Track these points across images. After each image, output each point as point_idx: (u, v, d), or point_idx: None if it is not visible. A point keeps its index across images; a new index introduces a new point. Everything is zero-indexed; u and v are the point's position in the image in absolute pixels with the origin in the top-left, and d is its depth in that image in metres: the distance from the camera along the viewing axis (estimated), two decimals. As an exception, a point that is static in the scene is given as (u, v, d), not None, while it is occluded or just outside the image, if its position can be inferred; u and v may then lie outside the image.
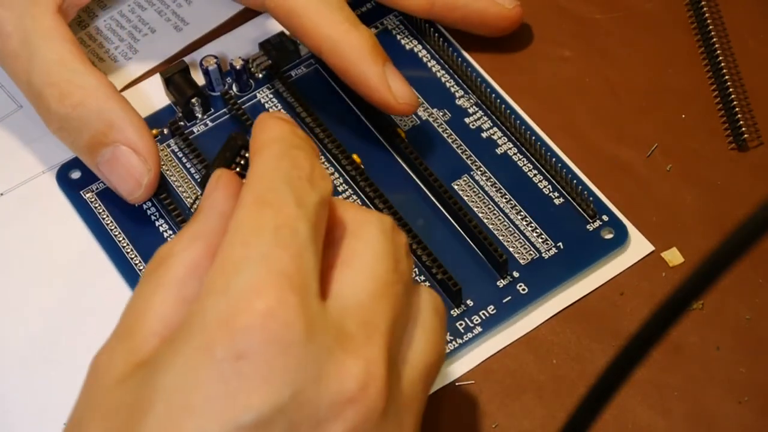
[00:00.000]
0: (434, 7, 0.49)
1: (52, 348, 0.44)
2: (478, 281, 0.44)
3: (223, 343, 0.31)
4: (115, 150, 0.44)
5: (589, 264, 0.44)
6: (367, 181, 0.46)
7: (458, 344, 0.43)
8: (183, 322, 0.33)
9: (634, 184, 0.46)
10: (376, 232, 0.36)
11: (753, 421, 0.41)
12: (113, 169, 0.44)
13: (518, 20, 0.49)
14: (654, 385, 0.42)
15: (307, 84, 0.49)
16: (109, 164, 0.44)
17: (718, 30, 0.50)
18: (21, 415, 0.43)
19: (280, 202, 0.34)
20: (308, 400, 0.32)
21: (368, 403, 0.32)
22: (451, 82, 0.49)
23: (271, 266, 0.32)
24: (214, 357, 0.31)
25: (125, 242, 0.46)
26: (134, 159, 0.44)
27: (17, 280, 0.46)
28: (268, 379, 0.31)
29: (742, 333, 0.43)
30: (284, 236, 0.33)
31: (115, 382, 0.33)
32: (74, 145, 0.45)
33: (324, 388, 0.32)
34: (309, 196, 0.34)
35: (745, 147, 0.47)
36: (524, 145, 0.47)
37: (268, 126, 0.37)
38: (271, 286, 0.32)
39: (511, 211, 0.45)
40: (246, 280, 0.32)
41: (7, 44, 0.45)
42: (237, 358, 0.31)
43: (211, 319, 0.32)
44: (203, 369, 0.31)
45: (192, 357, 0.31)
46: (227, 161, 0.42)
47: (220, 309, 0.32)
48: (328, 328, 0.33)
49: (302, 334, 0.32)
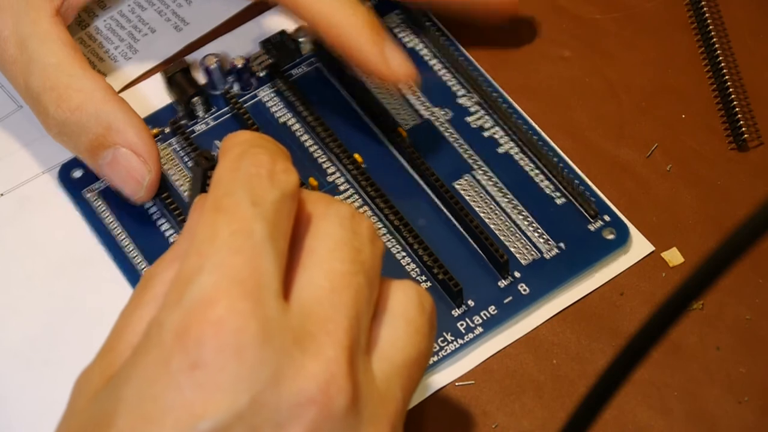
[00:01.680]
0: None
1: (53, 348, 0.44)
2: (479, 281, 0.44)
3: (178, 354, 0.31)
4: (115, 152, 0.44)
5: (591, 264, 0.44)
6: (369, 181, 0.46)
7: (459, 345, 0.43)
8: (143, 336, 0.33)
9: (634, 184, 0.46)
10: (331, 224, 0.35)
11: (753, 421, 0.41)
12: (114, 170, 0.44)
13: (515, 8, 0.49)
14: (654, 385, 0.42)
15: (308, 83, 0.49)
16: (110, 166, 0.44)
17: (718, 30, 0.50)
18: (21, 416, 0.43)
19: (235, 205, 0.34)
20: (267, 404, 0.32)
21: (329, 402, 0.32)
22: (453, 81, 0.49)
23: (224, 273, 0.32)
24: (169, 368, 0.31)
25: (127, 241, 0.46)
26: (134, 160, 0.44)
27: (18, 279, 0.46)
28: (223, 386, 0.31)
29: (742, 333, 0.43)
30: (238, 240, 0.33)
31: (89, 397, 0.33)
32: (76, 149, 0.45)
33: (283, 390, 0.32)
34: (267, 194, 0.34)
35: (745, 147, 0.47)
36: (526, 145, 0.47)
37: (234, 134, 0.37)
38: (222, 294, 0.32)
39: (513, 211, 0.45)
40: (198, 290, 0.32)
41: (5, 49, 0.45)
42: (192, 368, 0.31)
43: (166, 331, 0.32)
44: (160, 381, 0.32)
45: (150, 369, 0.32)
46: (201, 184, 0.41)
47: (174, 321, 0.32)
48: (286, 330, 0.32)
49: (256, 338, 0.32)
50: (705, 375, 0.42)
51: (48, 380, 0.43)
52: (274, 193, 0.34)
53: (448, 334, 0.43)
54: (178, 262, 0.35)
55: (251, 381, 0.31)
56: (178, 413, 0.31)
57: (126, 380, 0.32)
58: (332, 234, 0.35)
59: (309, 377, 0.32)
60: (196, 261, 0.33)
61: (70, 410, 0.34)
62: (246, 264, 0.32)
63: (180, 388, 0.31)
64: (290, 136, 0.48)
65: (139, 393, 0.32)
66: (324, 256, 0.35)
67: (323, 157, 0.47)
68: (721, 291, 0.43)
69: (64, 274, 0.46)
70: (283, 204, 0.34)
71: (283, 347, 0.32)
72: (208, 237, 0.33)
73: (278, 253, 0.34)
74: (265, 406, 0.32)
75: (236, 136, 0.36)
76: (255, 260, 0.33)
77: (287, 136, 0.48)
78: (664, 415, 0.41)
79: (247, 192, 0.34)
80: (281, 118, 0.49)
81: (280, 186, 0.34)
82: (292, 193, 0.35)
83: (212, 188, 0.35)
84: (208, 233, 0.33)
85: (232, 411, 0.31)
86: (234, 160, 0.35)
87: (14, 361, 0.44)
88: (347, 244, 0.35)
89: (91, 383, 0.34)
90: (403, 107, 0.48)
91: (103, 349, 0.35)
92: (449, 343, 0.43)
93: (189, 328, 0.32)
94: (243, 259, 0.33)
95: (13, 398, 0.43)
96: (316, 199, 0.36)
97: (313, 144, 0.48)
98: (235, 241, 0.33)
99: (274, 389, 0.32)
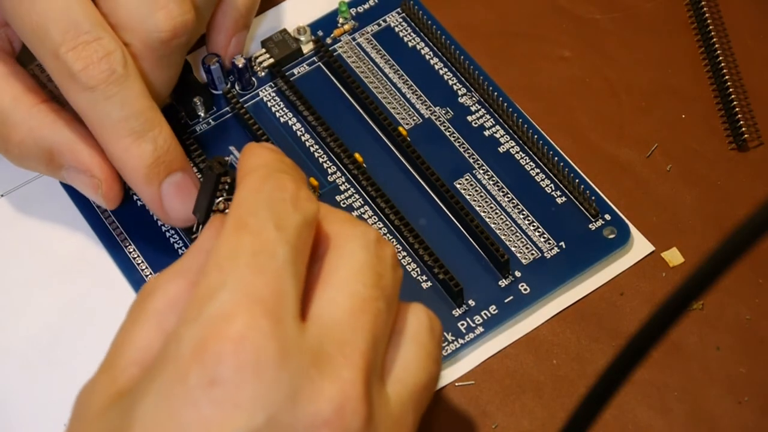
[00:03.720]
0: None
1: (54, 348, 0.44)
2: (479, 281, 0.44)
3: (196, 370, 0.31)
4: (66, 173, 0.44)
5: (591, 264, 0.44)
6: (369, 180, 0.46)
7: (460, 345, 0.43)
8: (160, 351, 0.33)
9: (634, 184, 0.46)
10: (357, 247, 0.36)
11: (753, 421, 0.41)
12: (77, 186, 0.45)
13: None
14: (654, 385, 0.42)
15: (309, 82, 0.49)
16: (72, 183, 0.45)
17: (718, 30, 0.50)
18: (21, 416, 0.43)
19: (260, 226, 0.34)
20: (283, 424, 0.32)
21: (344, 424, 0.32)
22: (454, 80, 0.49)
23: (245, 291, 0.32)
24: (187, 384, 0.31)
25: (128, 242, 0.46)
26: (82, 177, 0.44)
27: (19, 280, 0.46)
28: (241, 404, 0.31)
29: (742, 333, 0.43)
30: (261, 260, 0.33)
31: (97, 413, 0.33)
32: (47, 175, 0.45)
33: (299, 411, 0.32)
34: (291, 218, 0.34)
35: (745, 147, 0.47)
36: (527, 144, 0.47)
37: (255, 153, 0.37)
38: (243, 311, 0.32)
39: (513, 211, 0.45)
40: (218, 306, 0.32)
41: None
42: (210, 385, 0.31)
43: (184, 346, 0.32)
44: (177, 397, 0.31)
45: (166, 385, 0.32)
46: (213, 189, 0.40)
47: (193, 336, 0.32)
48: (304, 351, 0.33)
49: (275, 357, 0.32)
50: (705, 375, 0.42)
51: (48, 380, 0.43)
52: (297, 218, 0.34)
53: (449, 334, 0.43)
54: (181, 278, 0.35)
55: (268, 400, 0.31)
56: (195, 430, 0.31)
57: (141, 396, 0.32)
58: (357, 256, 0.35)
59: (325, 399, 0.32)
60: (216, 277, 0.33)
61: (75, 427, 0.34)
62: (268, 284, 0.33)
63: (197, 405, 0.31)
64: (291, 135, 0.48)
65: (155, 409, 0.32)
66: (347, 277, 0.35)
67: (324, 156, 0.47)
68: (721, 291, 0.43)
69: (65, 275, 0.46)
70: (304, 229, 0.35)
71: (301, 367, 0.32)
72: (230, 254, 0.33)
73: (299, 277, 0.34)
74: (281, 426, 0.32)
75: (259, 155, 0.36)
76: (276, 281, 0.33)
77: (288, 136, 0.48)
78: (664, 415, 0.41)
79: (272, 215, 0.34)
80: (282, 118, 0.49)
81: (303, 212, 0.35)
82: (313, 220, 0.35)
83: (235, 207, 0.35)
84: (230, 250, 0.33)
85: (248, 429, 0.31)
86: (258, 181, 0.35)
87: (14, 361, 0.44)
88: (371, 268, 0.35)
89: (95, 399, 0.34)
90: (404, 107, 0.48)
91: (104, 365, 0.35)
92: (450, 343, 0.43)
93: (208, 344, 0.32)
94: (265, 279, 0.33)
95: (13, 398, 0.43)
96: (341, 219, 0.37)
97: (314, 143, 0.48)
98: (258, 261, 0.33)
99: (290, 409, 0.32)
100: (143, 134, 0.42)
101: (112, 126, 0.42)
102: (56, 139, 0.44)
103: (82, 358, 0.36)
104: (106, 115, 0.42)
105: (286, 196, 0.35)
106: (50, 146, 0.44)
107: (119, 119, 0.42)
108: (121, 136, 0.42)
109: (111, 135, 0.42)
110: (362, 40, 0.50)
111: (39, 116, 0.44)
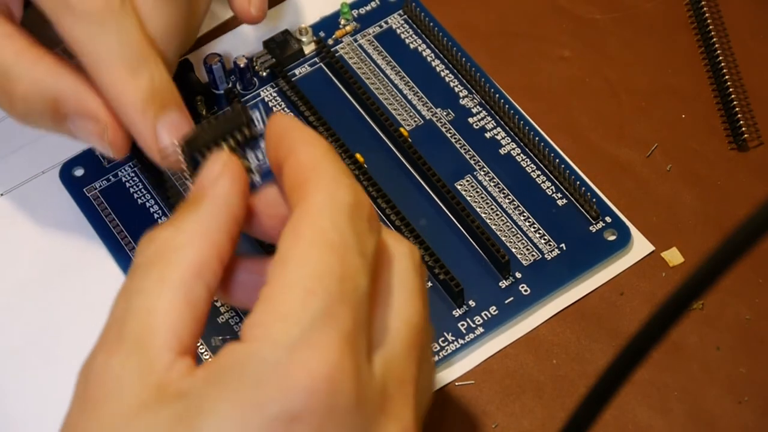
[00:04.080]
0: None
1: (55, 347, 0.44)
2: (480, 282, 0.44)
3: (279, 401, 0.30)
4: (71, 123, 0.42)
5: (592, 266, 0.44)
6: (370, 181, 0.46)
7: (460, 345, 0.43)
8: (231, 362, 0.31)
9: (634, 184, 0.46)
10: (409, 267, 0.34)
11: (753, 421, 0.41)
12: (81, 136, 0.43)
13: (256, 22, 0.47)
14: (654, 385, 0.42)
15: (310, 83, 0.49)
16: (76, 134, 0.43)
17: (718, 30, 0.50)
18: (21, 415, 0.43)
19: (345, 248, 0.32)
20: None
21: None
22: (455, 82, 0.49)
23: (335, 324, 0.31)
24: (265, 413, 0.30)
25: (128, 239, 0.46)
26: (88, 123, 0.42)
27: (19, 279, 0.46)
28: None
29: (742, 333, 0.43)
30: (348, 290, 0.31)
31: (137, 407, 0.31)
32: (48, 130, 0.44)
33: None
34: (369, 243, 0.33)
35: (745, 147, 0.47)
36: (528, 146, 0.47)
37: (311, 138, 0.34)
38: (333, 348, 0.30)
39: (514, 212, 0.45)
40: (308, 337, 0.30)
41: None
42: (291, 420, 0.30)
43: (266, 371, 0.30)
44: (253, 423, 0.30)
45: (242, 408, 0.30)
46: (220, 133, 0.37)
47: (277, 362, 0.30)
48: (376, 392, 0.32)
49: (353, 401, 0.31)
50: (705, 375, 0.42)
51: (48, 380, 0.43)
52: (372, 242, 0.33)
53: (449, 334, 0.43)
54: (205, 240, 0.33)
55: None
56: None
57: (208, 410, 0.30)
58: (410, 278, 0.34)
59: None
60: (303, 299, 0.31)
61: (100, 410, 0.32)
62: (352, 318, 0.31)
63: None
64: (291, 135, 0.48)
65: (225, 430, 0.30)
66: (403, 304, 0.33)
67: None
68: (721, 291, 0.43)
69: (65, 274, 0.46)
70: (376, 255, 0.33)
71: (373, 412, 0.31)
72: (317, 275, 0.31)
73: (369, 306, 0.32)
74: None
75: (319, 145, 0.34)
76: (357, 315, 0.31)
77: (288, 136, 0.48)
78: (664, 415, 0.41)
79: (356, 237, 0.32)
80: (282, 118, 0.49)
81: (375, 235, 0.33)
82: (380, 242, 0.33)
83: (316, 213, 0.32)
84: (317, 269, 0.31)
85: None
86: (339, 189, 0.33)
87: (14, 361, 0.44)
88: (421, 295, 0.34)
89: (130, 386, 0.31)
90: (405, 108, 0.48)
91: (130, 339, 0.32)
92: (450, 343, 0.43)
93: (294, 376, 0.30)
94: (350, 312, 0.31)
95: (13, 398, 0.43)
96: (385, 232, 0.35)
97: (315, 144, 0.48)
98: (344, 290, 0.31)
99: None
100: (139, 68, 0.40)
101: (108, 58, 0.40)
102: (60, 87, 0.42)
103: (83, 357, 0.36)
104: (103, 46, 0.40)
105: (364, 215, 0.33)
106: (54, 95, 0.42)
107: (115, 51, 0.40)
108: (116, 68, 0.40)
109: (107, 67, 0.40)
110: (364, 41, 0.50)
111: (43, 67, 0.42)
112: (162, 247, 0.33)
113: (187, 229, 0.33)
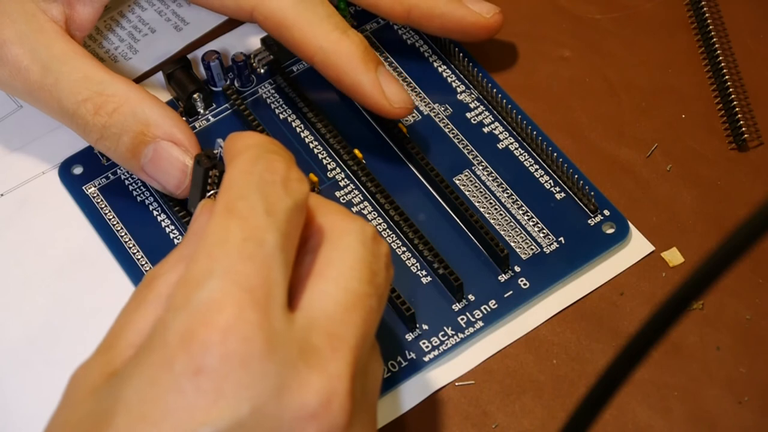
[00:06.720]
0: (411, 14, 0.48)
1: (55, 347, 0.44)
2: (479, 276, 0.44)
3: (182, 357, 0.32)
4: (156, 146, 0.44)
5: (591, 259, 0.44)
6: (369, 176, 0.46)
7: (460, 339, 0.43)
8: (148, 336, 0.33)
9: (634, 184, 0.46)
10: (354, 242, 0.35)
11: (753, 421, 0.41)
12: (158, 166, 0.44)
13: (497, 28, 0.48)
14: (654, 385, 0.42)
15: (308, 79, 0.49)
16: (153, 163, 0.44)
17: (718, 30, 0.50)
18: (21, 415, 0.43)
19: (249, 211, 0.34)
20: (269, 415, 0.32)
21: (330, 419, 0.32)
22: (453, 77, 0.49)
23: (234, 280, 0.32)
24: (173, 371, 0.32)
25: (127, 237, 0.46)
26: (175, 150, 0.44)
27: (19, 279, 0.46)
28: (226, 394, 0.31)
29: (742, 333, 0.43)
30: (250, 247, 0.33)
31: (88, 392, 0.34)
32: (116, 152, 0.45)
33: (285, 403, 0.32)
34: (281, 202, 0.34)
35: (745, 147, 0.47)
36: (525, 140, 0.47)
37: (243, 135, 0.37)
38: (231, 301, 0.32)
39: (513, 206, 0.45)
40: (207, 295, 0.32)
41: (29, 78, 0.45)
42: (195, 373, 0.31)
43: (171, 333, 0.32)
44: (162, 382, 0.32)
45: (152, 370, 0.32)
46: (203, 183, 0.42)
47: (180, 323, 0.32)
48: (292, 342, 0.33)
49: (262, 349, 0.32)
50: (705, 375, 0.42)
51: (48, 380, 0.43)
52: (288, 202, 0.34)
53: (449, 329, 0.43)
54: (182, 264, 0.35)
55: (254, 391, 0.32)
56: (178, 416, 0.31)
57: (128, 379, 0.32)
58: (353, 251, 0.35)
59: (312, 392, 0.32)
60: (205, 263, 0.33)
61: (66, 404, 0.34)
62: (256, 273, 0.33)
63: (182, 392, 0.31)
64: (290, 132, 0.48)
65: (140, 393, 0.32)
66: (342, 271, 0.35)
67: (323, 152, 0.47)
68: (721, 291, 0.43)
69: (65, 273, 0.46)
70: (294, 214, 0.34)
71: (288, 359, 0.32)
72: (219, 240, 0.33)
73: (287, 265, 0.34)
74: (267, 417, 0.32)
75: (247, 137, 0.36)
76: (265, 270, 0.33)
77: (287, 132, 0.48)
78: (664, 415, 0.41)
79: (262, 198, 0.34)
80: (281, 114, 0.49)
81: (293, 195, 0.35)
82: (303, 203, 0.35)
83: (224, 190, 0.35)
84: (219, 236, 0.33)
85: (233, 419, 0.31)
86: (248, 162, 0.35)
87: (14, 361, 0.44)
88: (367, 265, 0.35)
89: (89, 378, 0.34)
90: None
91: (102, 346, 0.35)
92: (450, 338, 0.43)
93: (195, 332, 0.32)
94: (254, 267, 0.33)
95: (13, 398, 0.43)
96: (336, 212, 0.36)
97: (314, 140, 0.48)
98: (247, 248, 0.33)
99: (276, 401, 0.32)
100: (346, 29, 0.46)
101: (320, 23, 0.45)
102: (155, 110, 0.44)
103: (83, 356, 0.36)
104: (314, 14, 0.45)
105: (277, 178, 0.35)
106: (147, 117, 0.44)
107: (326, 15, 0.45)
108: (329, 31, 0.45)
109: (323, 30, 0.45)
110: (362, 37, 0.50)
111: (139, 89, 0.44)
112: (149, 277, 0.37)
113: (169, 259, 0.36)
